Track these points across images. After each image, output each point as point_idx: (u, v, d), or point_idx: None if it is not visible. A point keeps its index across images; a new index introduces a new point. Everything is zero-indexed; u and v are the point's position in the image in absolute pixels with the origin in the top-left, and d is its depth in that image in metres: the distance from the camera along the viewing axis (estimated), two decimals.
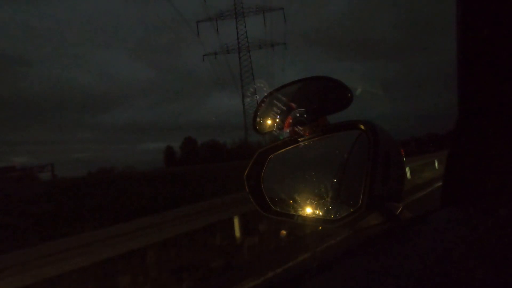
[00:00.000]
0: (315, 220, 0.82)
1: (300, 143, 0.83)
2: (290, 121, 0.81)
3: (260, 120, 0.87)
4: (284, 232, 6.52)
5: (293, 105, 0.81)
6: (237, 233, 6.66)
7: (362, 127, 0.75)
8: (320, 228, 0.85)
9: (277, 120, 0.84)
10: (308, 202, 0.83)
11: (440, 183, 0.68)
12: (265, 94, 0.86)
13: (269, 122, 0.85)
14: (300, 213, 0.84)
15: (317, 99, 0.83)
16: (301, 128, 0.80)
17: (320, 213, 0.82)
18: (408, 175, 13.37)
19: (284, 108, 0.82)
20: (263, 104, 0.86)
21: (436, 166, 16.99)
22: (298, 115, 0.80)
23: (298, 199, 0.85)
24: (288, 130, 0.82)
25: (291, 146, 0.85)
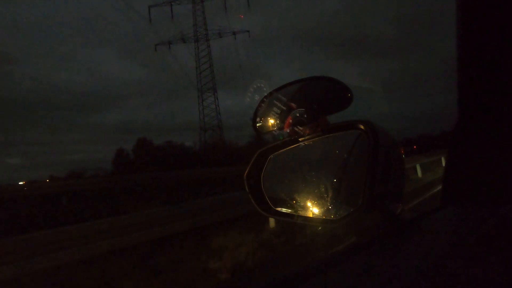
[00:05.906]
0: (315, 220, 0.82)
1: (300, 143, 0.83)
2: (290, 121, 0.81)
3: (260, 120, 0.87)
4: None
5: (293, 105, 0.81)
6: None
7: (362, 127, 0.75)
8: (320, 228, 0.85)
9: (277, 120, 0.84)
10: (308, 202, 0.83)
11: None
12: (265, 93, 0.86)
13: (269, 122, 0.85)
14: (300, 213, 0.84)
15: (317, 99, 0.83)
16: (301, 128, 0.80)
17: (320, 213, 0.82)
18: None
19: (284, 108, 0.82)
20: (263, 104, 0.86)
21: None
22: (298, 115, 0.80)
23: (298, 199, 0.85)
24: (288, 130, 0.82)
25: (291, 146, 0.85)
